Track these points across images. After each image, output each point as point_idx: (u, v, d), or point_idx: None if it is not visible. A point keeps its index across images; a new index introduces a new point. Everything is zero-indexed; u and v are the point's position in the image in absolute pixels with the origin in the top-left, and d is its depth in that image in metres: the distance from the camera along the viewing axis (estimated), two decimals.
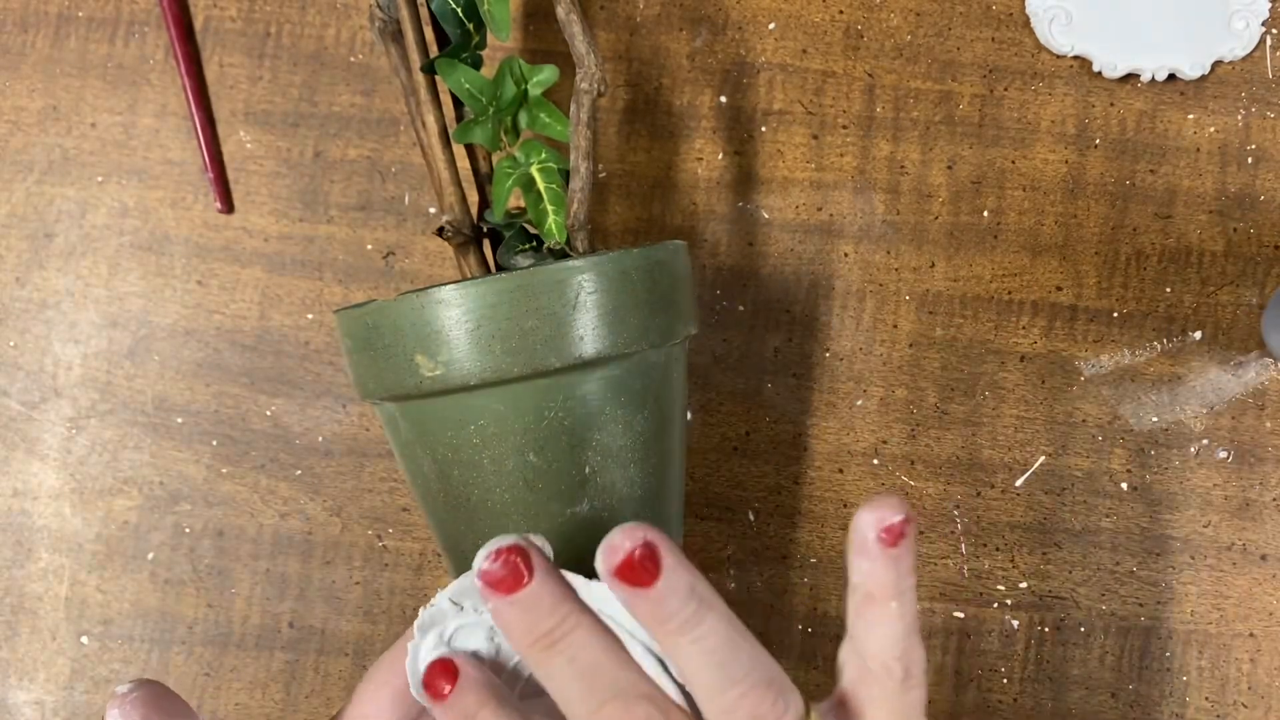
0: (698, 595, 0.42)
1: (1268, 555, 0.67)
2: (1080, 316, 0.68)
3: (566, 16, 0.56)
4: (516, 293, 0.52)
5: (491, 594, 0.42)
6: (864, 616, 0.44)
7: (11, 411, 0.70)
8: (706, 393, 0.69)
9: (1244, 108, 0.69)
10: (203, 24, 0.72)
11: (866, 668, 0.44)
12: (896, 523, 0.42)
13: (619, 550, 0.41)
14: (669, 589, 0.41)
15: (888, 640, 0.43)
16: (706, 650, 0.42)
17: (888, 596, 0.43)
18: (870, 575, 0.43)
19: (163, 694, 0.46)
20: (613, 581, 0.41)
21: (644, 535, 0.41)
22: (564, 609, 0.43)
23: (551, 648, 0.42)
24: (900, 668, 0.44)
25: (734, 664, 0.42)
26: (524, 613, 0.42)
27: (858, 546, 0.43)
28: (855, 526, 0.43)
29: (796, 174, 0.69)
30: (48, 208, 0.71)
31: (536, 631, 0.42)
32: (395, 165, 0.70)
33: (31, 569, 0.69)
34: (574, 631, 0.43)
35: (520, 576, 0.42)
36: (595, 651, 0.43)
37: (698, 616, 0.41)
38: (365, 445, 0.69)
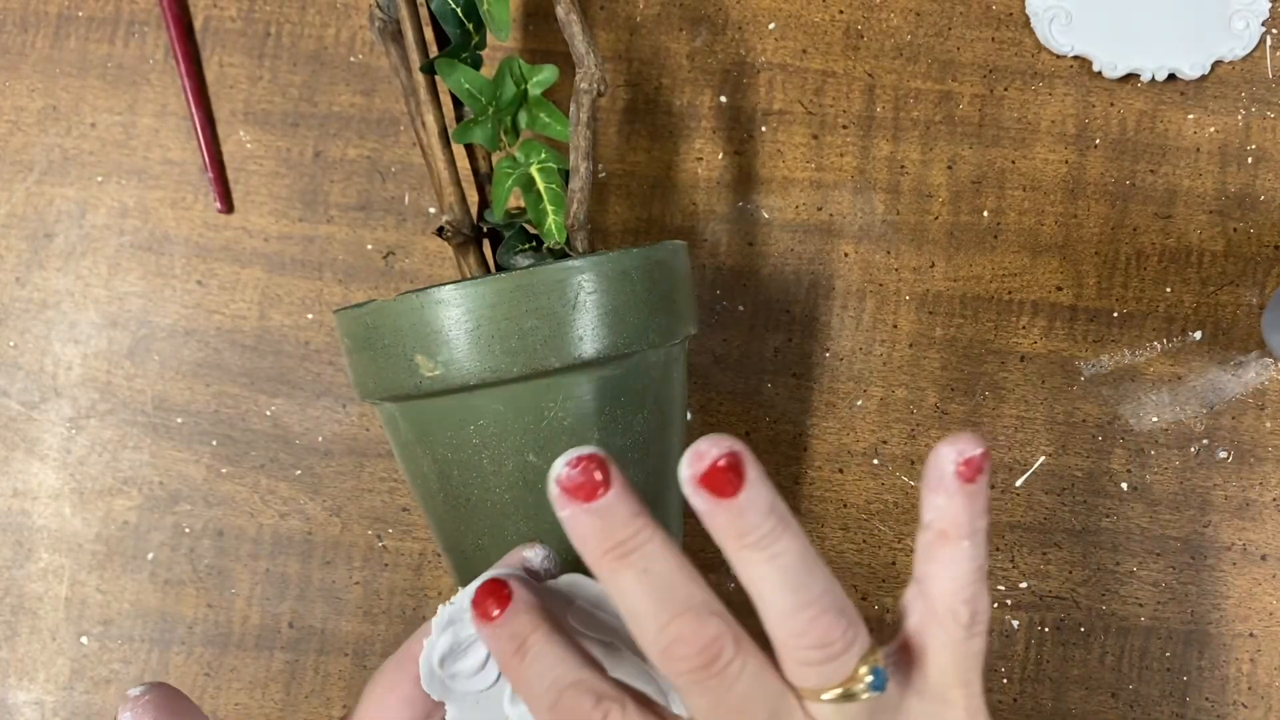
0: (777, 513, 0.40)
1: (1268, 555, 0.67)
2: (1080, 316, 0.68)
3: (566, 16, 0.56)
4: (516, 293, 0.52)
5: (568, 501, 0.41)
6: (935, 556, 0.43)
7: (11, 411, 0.70)
8: (706, 393, 0.69)
9: (1244, 108, 0.69)
10: (203, 24, 0.72)
11: (933, 610, 0.43)
12: (977, 456, 0.41)
13: (705, 457, 0.40)
14: (750, 501, 0.40)
15: (958, 582, 0.42)
16: (782, 569, 0.41)
17: (961, 535, 0.42)
18: (945, 511, 0.42)
19: (174, 697, 0.46)
20: (694, 489, 0.40)
21: (730, 444, 0.40)
22: (640, 520, 0.41)
23: (625, 558, 0.41)
24: (967, 612, 0.42)
25: (809, 586, 0.41)
26: (600, 520, 0.41)
27: (934, 481, 0.42)
28: (933, 460, 0.42)
29: (796, 174, 0.69)
30: (47, 208, 0.71)
31: (611, 540, 0.41)
32: (395, 165, 0.70)
33: (31, 569, 0.69)
34: (649, 543, 0.41)
35: (598, 484, 0.41)
36: (669, 564, 0.42)
37: (775, 533, 0.40)
38: (365, 445, 0.69)
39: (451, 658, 0.49)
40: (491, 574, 0.47)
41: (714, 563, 0.68)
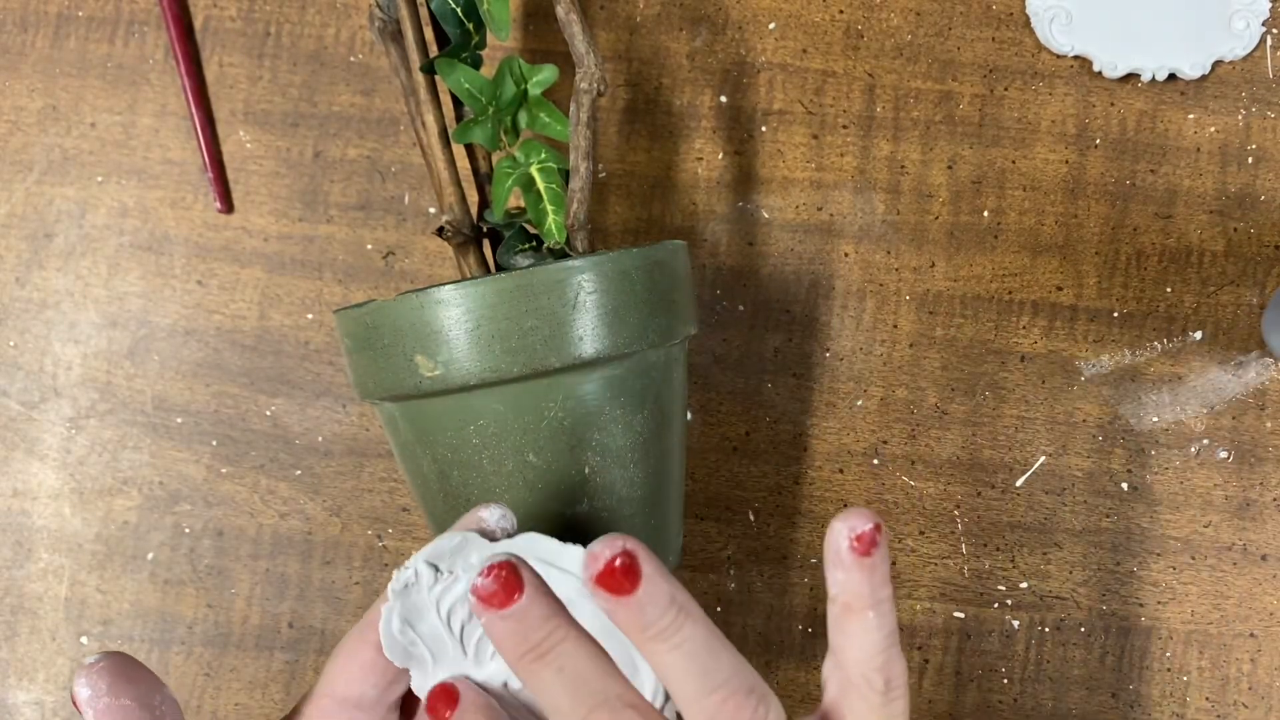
0: (677, 603, 0.42)
1: (1268, 555, 0.67)
2: (1080, 316, 0.68)
3: (566, 16, 0.56)
4: (516, 293, 0.52)
5: (484, 608, 0.43)
6: (843, 628, 0.44)
7: (11, 411, 0.70)
8: (706, 393, 0.69)
9: (1244, 108, 0.69)
10: (202, 24, 0.72)
11: (848, 680, 0.44)
12: (867, 530, 0.43)
13: (599, 559, 0.42)
14: (648, 597, 0.42)
15: (867, 651, 0.44)
16: (686, 656, 0.42)
17: (865, 606, 0.44)
18: (846, 586, 0.44)
19: (129, 664, 0.46)
20: (594, 589, 0.42)
21: (623, 544, 0.42)
22: (553, 622, 0.43)
23: (541, 659, 0.43)
24: (881, 678, 0.44)
25: (714, 670, 0.42)
26: (516, 625, 0.43)
27: (832, 558, 0.44)
28: (828, 538, 0.44)
29: (796, 174, 0.69)
30: (47, 208, 0.71)
31: (527, 644, 0.43)
32: (395, 165, 0.70)
33: (31, 569, 0.69)
34: (562, 643, 0.43)
35: (511, 591, 0.43)
36: (582, 661, 0.43)
37: (677, 624, 0.42)
38: (365, 445, 0.69)
39: (410, 622, 0.49)
40: (446, 542, 0.49)
41: (712, 563, 0.68)
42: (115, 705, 0.45)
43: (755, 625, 0.67)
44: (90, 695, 0.45)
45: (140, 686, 0.46)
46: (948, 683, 0.67)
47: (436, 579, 0.49)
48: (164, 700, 0.47)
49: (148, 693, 0.46)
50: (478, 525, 0.50)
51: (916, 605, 0.67)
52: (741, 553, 0.68)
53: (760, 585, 0.68)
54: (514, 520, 0.50)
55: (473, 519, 0.50)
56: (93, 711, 0.45)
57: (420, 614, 0.49)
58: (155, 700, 0.46)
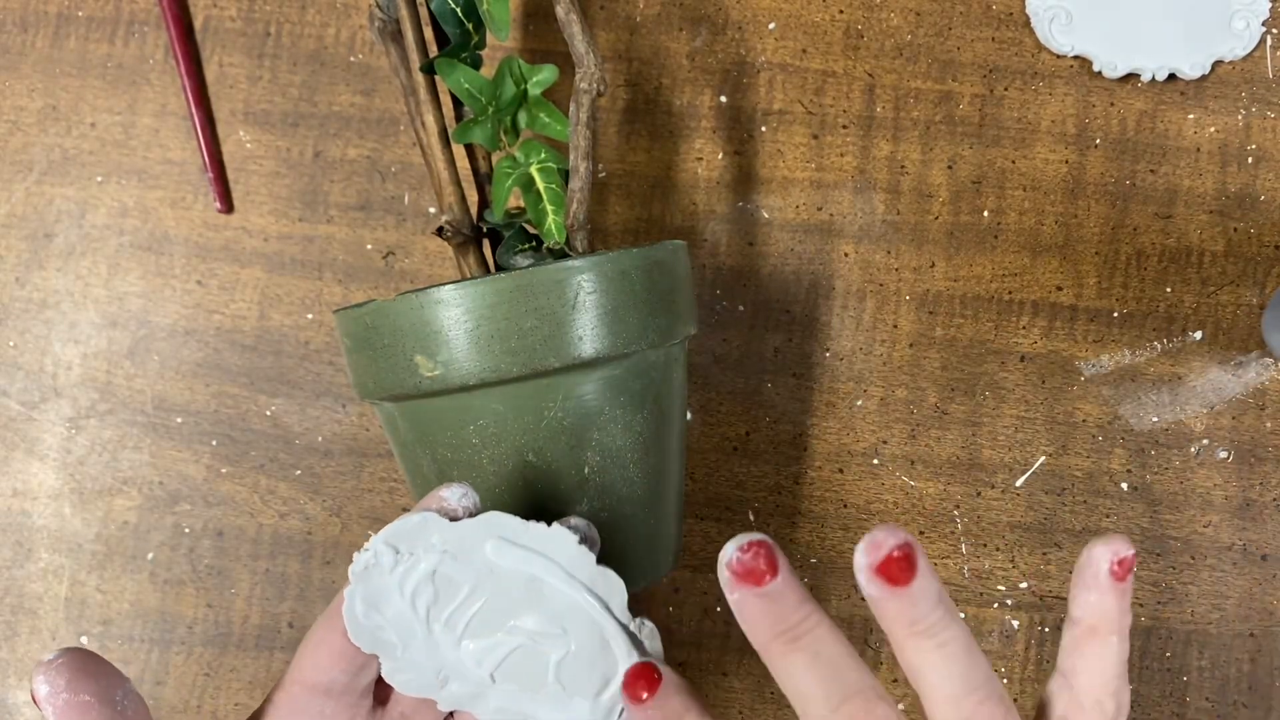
0: (945, 604, 0.42)
1: (1268, 555, 0.67)
2: (1080, 316, 0.68)
3: (566, 16, 0.56)
4: (515, 293, 0.52)
5: (740, 584, 0.42)
6: (1082, 650, 0.44)
7: (11, 411, 0.70)
8: (706, 393, 0.69)
9: (1244, 107, 0.69)
10: (202, 24, 0.72)
11: (1078, 702, 0.44)
12: (1129, 557, 0.43)
13: (881, 547, 0.41)
14: (922, 591, 0.42)
15: (1104, 676, 0.44)
16: (949, 656, 0.42)
17: (1110, 631, 0.44)
18: (1097, 609, 0.44)
19: (89, 660, 0.46)
20: (869, 577, 0.41)
21: (905, 536, 0.42)
22: (808, 607, 0.43)
23: (795, 642, 0.43)
24: (1113, 705, 0.44)
25: (973, 674, 0.42)
26: (771, 606, 0.42)
27: (1088, 579, 0.44)
28: (1088, 559, 0.44)
29: (796, 174, 0.69)
30: (47, 208, 0.71)
31: (781, 625, 0.43)
32: (395, 165, 0.70)
33: (31, 569, 0.69)
34: (817, 629, 0.43)
35: (767, 570, 0.42)
36: (837, 649, 0.43)
37: (944, 623, 0.42)
38: (365, 445, 0.69)
39: (373, 606, 0.49)
40: (405, 523, 0.48)
41: (712, 563, 0.68)
42: (75, 701, 0.45)
43: None
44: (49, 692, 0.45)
45: (101, 682, 0.46)
46: None
47: (397, 560, 0.49)
48: (126, 695, 0.46)
49: (109, 688, 0.46)
50: (439, 505, 0.49)
51: None
52: None
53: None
54: (476, 499, 0.50)
55: (434, 499, 0.50)
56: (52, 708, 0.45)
57: (384, 597, 0.49)
58: (117, 695, 0.46)
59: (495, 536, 0.49)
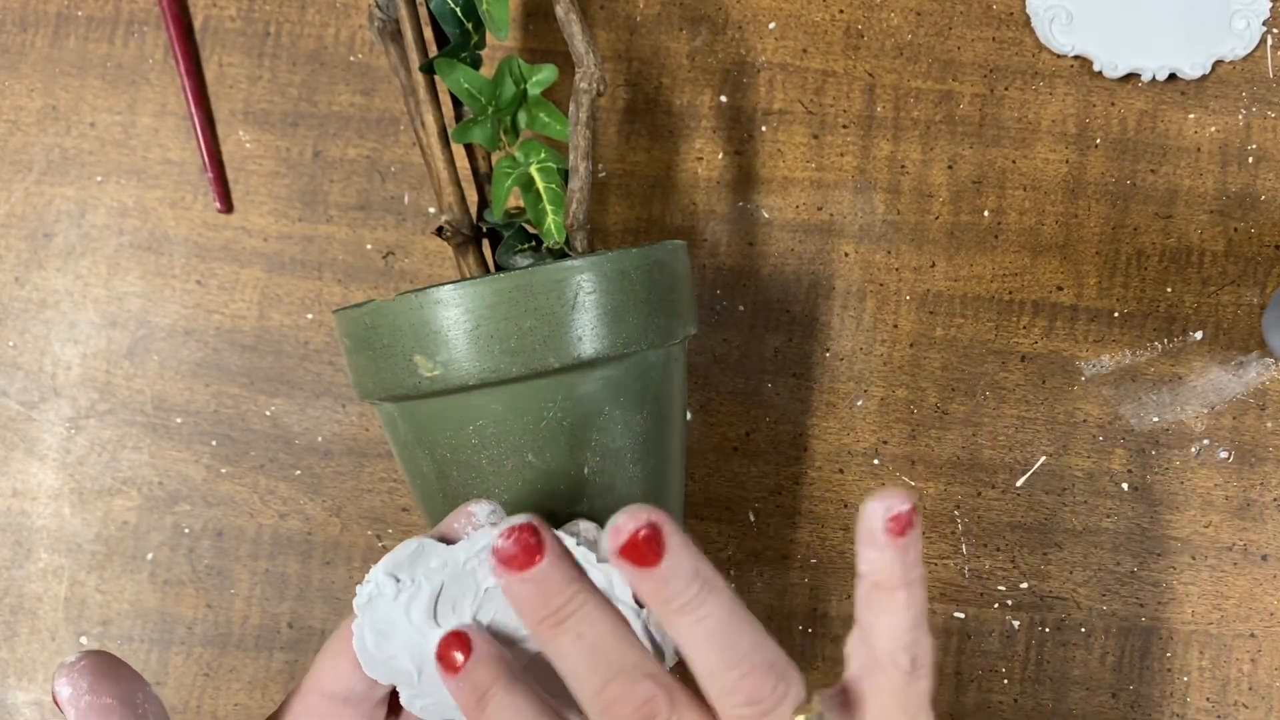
0: (701, 577, 0.42)
1: (1269, 555, 0.67)
2: (1081, 316, 0.68)
3: (565, 16, 0.56)
4: (515, 293, 0.52)
5: (504, 570, 0.43)
6: (871, 606, 0.44)
7: (11, 411, 0.70)
8: (706, 393, 0.69)
9: (1245, 107, 0.69)
10: (202, 24, 0.72)
11: (873, 657, 0.44)
12: (904, 511, 0.43)
13: (623, 531, 0.42)
14: (672, 569, 0.42)
15: (895, 630, 0.44)
16: (708, 631, 0.42)
17: (895, 585, 0.44)
18: (877, 564, 0.44)
19: (111, 662, 0.46)
20: (618, 560, 0.42)
21: (648, 516, 0.42)
22: (573, 587, 0.43)
23: (560, 624, 0.43)
24: (907, 658, 0.44)
25: (735, 646, 0.42)
26: (536, 589, 0.43)
27: (865, 536, 0.44)
28: (863, 516, 0.43)
29: (796, 174, 0.69)
30: (47, 208, 0.71)
31: (547, 608, 0.43)
32: (395, 165, 0.70)
33: (31, 569, 0.69)
34: (582, 609, 0.43)
35: (533, 554, 0.43)
36: (602, 629, 0.43)
37: (700, 597, 0.42)
38: (365, 445, 0.69)
39: (383, 636, 0.49)
40: (402, 551, 0.49)
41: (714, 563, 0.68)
42: (97, 704, 0.45)
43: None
44: (72, 694, 0.45)
45: (122, 684, 0.46)
46: (948, 683, 0.67)
47: (399, 589, 0.49)
48: (146, 699, 0.46)
49: (130, 690, 0.46)
50: (467, 520, 0.50)
51: None
52: (741, 553, 0.68)
53: (760, 585, 0.68)
54: (503, 515, 0.50)
55: (462, 513, 0.50)
56: (75, 710, 0.45)
57: (392, 626, 0.49)
58: (138, 699, 0.46)
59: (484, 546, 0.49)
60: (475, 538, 0.49)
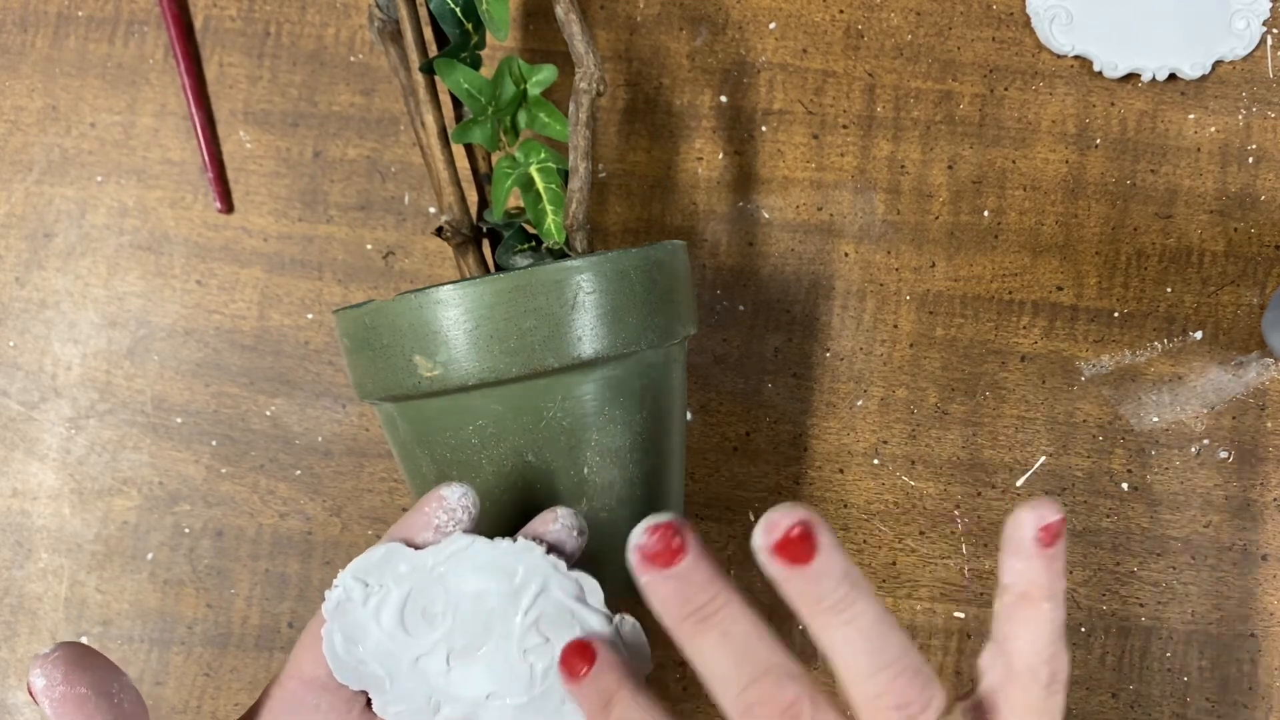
0: (851, 578, 0.42)
1: (1268, 555, 0.67)
2: (1081, 316, 0.68)
3: (565, 16, 0.56)
4: (514, 293, 0.52)
5: (648, 567, 0.42)
6: (1015, 617, 0.44)
7: (11, 411, 0.70)
8: (706, 393, 0.69)
9: (1245, 107, 0.69)
10: (202, 24, 0.72)
11: (1012, 669, 0.44)
12: (1055, 521, 0.43)
13: (778, 527, 0.41)
14: (825, 568, 0.41)
15: (1037, 643, 0.44)
16: (859, 632, 0.42)
17: (1041, 597, 0.43)
18: (1025, 575, 0.43)
19: (85, 653, 0.46)
20: (769, 558, 0.41)
21: (803, 514, 0.41)
22: (717, 585, 0.43)
23: (705, 621, 0.42)
24: (1047, 671, 0.44)
25: (885, 648, 0.42)
26: (680, 586, 0.42)
27: (1014, 546, 0.43)
28: (1013, 525, 0.43)
29: (797, 174, 0.69)
30: (47, 208, 0.71)
31: (691, 605, 0.42)
32: (395, 165, 0.70)
33: (31, 569, 0.69)
34: (726, 607, 0.43)
35: (677, 551, 0.42)
36: (747, 628, 0.43)
37: (851, 597, 0.41)
38: (365, 445, 0.69)
39: (352, 641, 0.49)
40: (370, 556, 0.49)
41: None
42: (71, 694, 0.45)
43: None
44: (45, 685, 0.45)
45: (96, 674, 0.46)
46: (948, 683, 0.67)
47: (368, 594, 0.49)
48: (122, 688, 0.46)
49: (105, 681, 0.46)
50: (439, 503, 0.50)
51: (916, 605, 0.67)
52: (742, 553, 0.68)
53: (760, 585, 0.68)
54: (475, 499, 0.50)
55: (434, 498, 0.50)
56: (49, 701, 0.45)
57: (361, 630, 0.49)
58: (113, 688, 0.46)
59: (463, 557, 0.49)
60: (445, 544, 0.49)
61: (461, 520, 0.50)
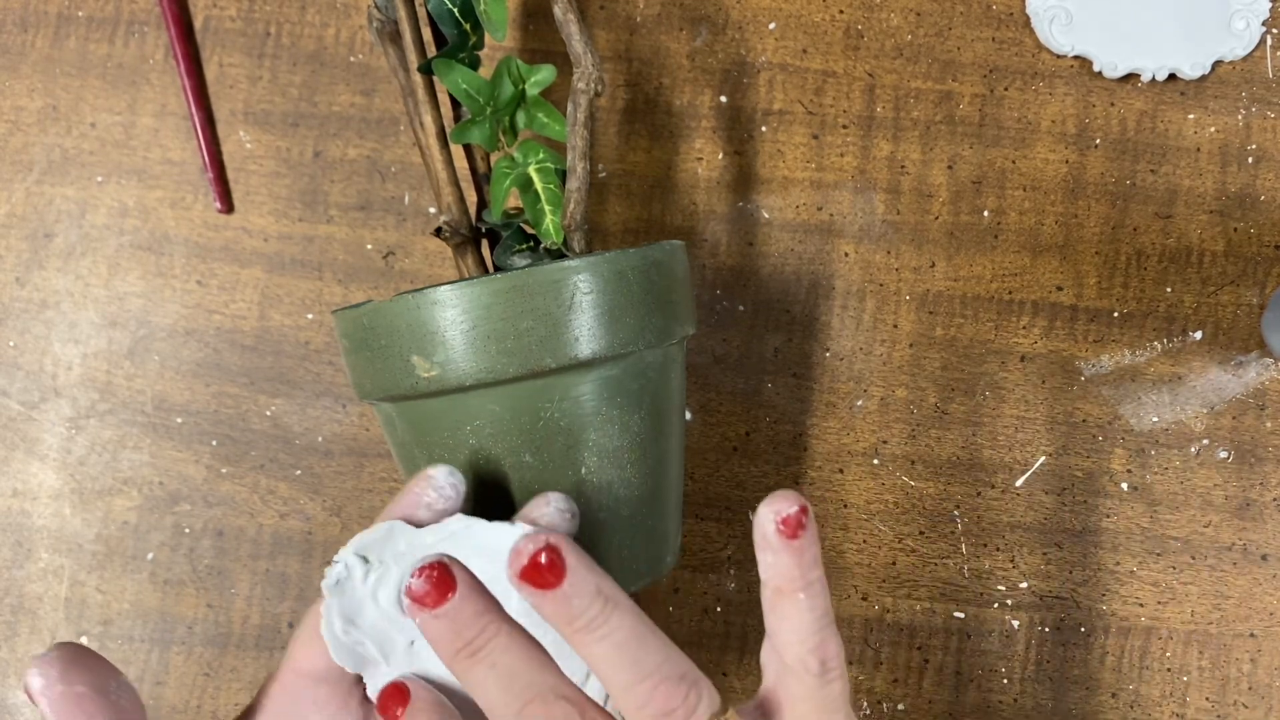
0: (603, 594, 0.43)
1: (1268, 555, 0.66)
2: (1080, 316, 0.68)
3: (563, 16, 0.56)
4: (512, 293, 0.52)
5: (418, 609, 0.45)
6: (775, 611, 0.45)
7: (11, 411, 0.70)
8: (706, 393, 0.69)
9: (1244, 107, 0.68)
10: (203, 24, 0.72)
11: (784, 663, 0.45)
12: (793, 513, 0.44)
13: (523, 554, 0.43)
14: (574, 589, 0.43)
15: (800, 633, 0.44)
16: (615, 646, 0.43)
17: (795, 589, 0.44)
18: (775, 568, 0.44)
19: (81, 653, 0.46)
20: (519, 584, 0.43)
21: (546, 539, 0.43)
22: (484, 619, 0.45)
23: (474, 655, 0.44)
24: (816, 660, 0.44)
25: (644, 660, 0.43)
26: (449, 624, 0.44)
27: (760, 541, 0.44)
28: (756, 521, 0.44)
29: (796, 174, 0.69)
30: (47, 208, 0.71)
31: (460, 641, 0.44)
32: (395, 165, 0.70)
33: (31, 569, 0.70)
34: (494, 639, 0.44)
35: (444, 591, 0.44)
36: (515, 657, 0.44)
37: (604, 615, 0.43)
38: (365, 445, 0.69)
39: (350, 620, 0.49)
40: (372, 534, 0.49)
41: (712, 563, 0.68)
42: (69, 693, 0.45)
43: (755, 625, 0.67)
44: (43, 684, 0.45)
45: (93, 673, 0.46)
46: (948, 683, 0.67)
47: (368, 570, 0.49)
48: (119, 687, 0.47)
49: (101, 679, 0.46)
50: (426, 483, 0.50)
51: (916, 605, 0.67)
52: (741, 553, 0.68)
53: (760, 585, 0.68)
54: (462, 479, 0.51)
55: (421, 478, 0.51)
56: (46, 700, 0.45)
57: (359, 609, 0.49)
58: (110, 687, 0.46)
59: (461, 539, 0.49)
60: (445, 523, 0.49)
61: (450, 497, 0.51)
